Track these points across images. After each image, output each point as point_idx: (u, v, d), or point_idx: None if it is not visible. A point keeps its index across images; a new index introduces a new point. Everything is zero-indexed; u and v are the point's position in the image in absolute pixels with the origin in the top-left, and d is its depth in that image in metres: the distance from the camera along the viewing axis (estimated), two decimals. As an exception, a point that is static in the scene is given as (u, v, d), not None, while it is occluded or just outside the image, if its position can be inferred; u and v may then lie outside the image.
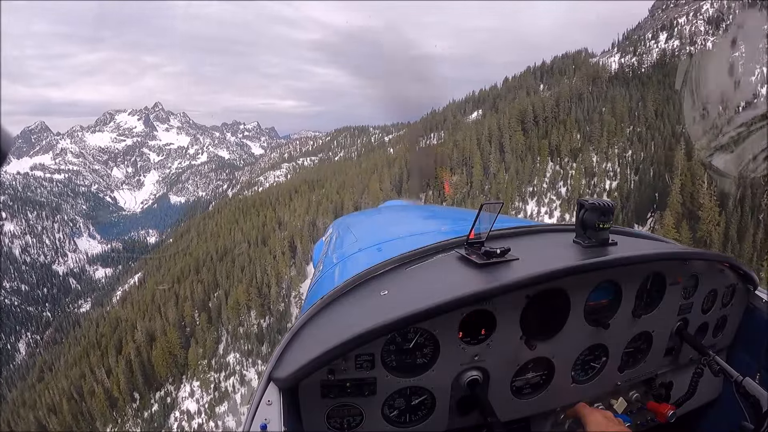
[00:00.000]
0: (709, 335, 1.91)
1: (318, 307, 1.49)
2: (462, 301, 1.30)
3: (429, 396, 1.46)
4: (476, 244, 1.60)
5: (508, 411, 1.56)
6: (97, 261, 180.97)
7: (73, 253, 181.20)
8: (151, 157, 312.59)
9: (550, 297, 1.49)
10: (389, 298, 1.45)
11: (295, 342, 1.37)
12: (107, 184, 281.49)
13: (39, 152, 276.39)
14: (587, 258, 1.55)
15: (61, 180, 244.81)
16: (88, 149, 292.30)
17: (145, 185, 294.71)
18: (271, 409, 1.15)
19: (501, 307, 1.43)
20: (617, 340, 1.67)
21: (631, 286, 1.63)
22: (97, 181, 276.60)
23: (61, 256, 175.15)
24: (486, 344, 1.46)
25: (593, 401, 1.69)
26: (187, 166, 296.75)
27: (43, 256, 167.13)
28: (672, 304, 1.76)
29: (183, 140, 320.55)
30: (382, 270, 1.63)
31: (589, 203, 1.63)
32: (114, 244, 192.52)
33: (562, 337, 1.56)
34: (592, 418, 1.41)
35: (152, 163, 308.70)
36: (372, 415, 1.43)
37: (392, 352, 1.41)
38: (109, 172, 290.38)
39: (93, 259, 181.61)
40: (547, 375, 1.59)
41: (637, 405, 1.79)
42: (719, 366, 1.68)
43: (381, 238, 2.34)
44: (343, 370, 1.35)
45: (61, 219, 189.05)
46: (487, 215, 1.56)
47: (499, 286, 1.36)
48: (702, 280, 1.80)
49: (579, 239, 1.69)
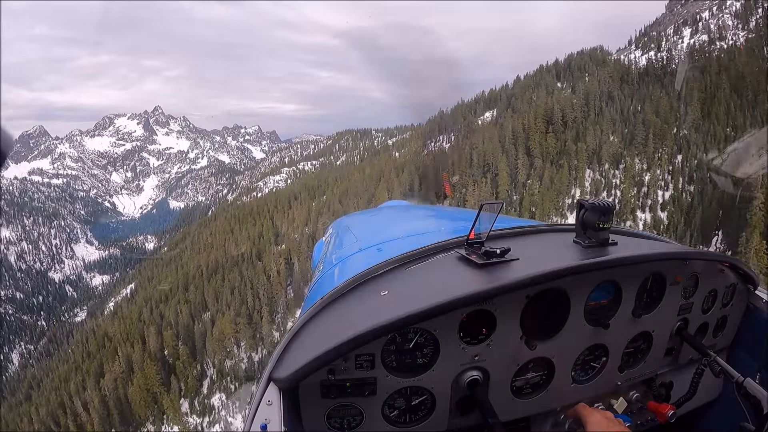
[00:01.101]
0: (709, 335, 1.93)
1: (318, 307, 1.50)
2: (462, 301, 1.31)
3: (429, 396, 1.48)
4: (476, 244, 1.61)
5: (508, 411, 1.57)
6: (94, 268, 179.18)
7: (70, 259, 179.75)
8: (150, 161, 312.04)
9: (550, 297, 1.51)
10: (389, 298, 1.45)
11: (295, 342, 1.39)
12: (106, 188, 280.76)
13: (37, 157, 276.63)
14: (587, 258, 1.55)
15: (59, 185, 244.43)
16: (87, 154, 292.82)
17: (144, 190, 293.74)
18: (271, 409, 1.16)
19: (501, 307, 1.45)
20: (617, 340, 1.69)
21: (631, 286, 1.65)
22: (96, 185, 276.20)
23: (57, 263, 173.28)
24: (486, 344, 1.48)
25: (593, 401, 1.71)
26: (186, 170, 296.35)
27: (39, 263, 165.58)
28: (672, 304, 1.78)
29: (183, 144, 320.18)
30: (382, 270, 1.64)
31: (589, 203, 1.63)
32: (112, 251, 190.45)
33: (562, 337, 1.57)
34: (592, 419, 1.42)
35: (152, 168, 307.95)
36: (372, 415, 1.44)
37: (392, 352, 1.42)
38: (108, 177, 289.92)
39: (90, 265, 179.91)
40: (547, 375, 1.61)
41: (637, 405, 1.80)
42: (720, 367, 1.69)
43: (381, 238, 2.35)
44: (343, 370, 1.37)
45: (58, 225, 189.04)
46: (487, 215, 1.57)
47: (499, 286, 1.37)
48: (702, 280, 1.81)
49: (579, 239, 1.70)
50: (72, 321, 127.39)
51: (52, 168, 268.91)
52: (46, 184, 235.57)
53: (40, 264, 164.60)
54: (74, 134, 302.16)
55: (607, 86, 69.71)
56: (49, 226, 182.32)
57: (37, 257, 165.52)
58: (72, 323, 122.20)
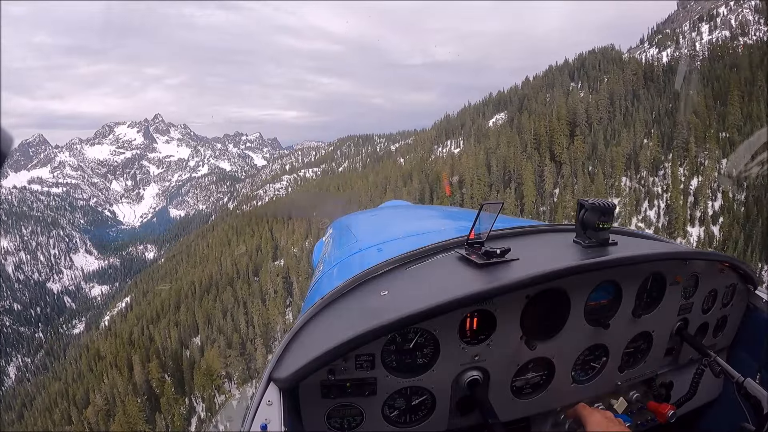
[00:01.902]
0: (710, 335, 1.95)
1: (318, 307, 1.52)
2: (462, 301, 1.33)
3: (429, 396, 1.50)
4: (476, 244, 1.63)
5: (508, 411, 1.59)
6: (93, 278, 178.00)
7: (68, 269, 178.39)
8: (150, 169, 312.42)
9: (550, 297, 1.52)
10: (389, 299, 1.47)
11: (295, 342, 1.40)
12: (106, 197, 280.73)
13: (37, 165, 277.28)
14: (587, 258, 1.58)
15: (59, 194, 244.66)
16: (86, 162, 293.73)
17: (144, 198, 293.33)
18: (271, 409, 1.17)
19: (501, 307, 1.47)
20: (617, 340, 1.71)
21: (631, 286, 1.66)
22: (96, 194, 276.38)
23: (56, 273, 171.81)
24: (486, 344, 1.49)
25: (593, 401, 1.73)
26: (187, 178, 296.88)
27: (37, 274, 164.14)
28: (672, 304, 1.79)
29: (183, 152, 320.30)
30: (382, 270, 1.66)
31: (589, 203, 1.64)
32: (111, 260, 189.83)
33: (562, 337, 1.59)
34: (592, 419, 1.43)
35: (152, 176, 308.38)
36: (372, 415, 1.46)
37: (392, 352, 1.44)
38: (108, 186, 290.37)
39: (89, 275, 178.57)
40: (547, 375, 1.62)
41: (638, 405, 1.82)
42: (720, 367, 1.70)
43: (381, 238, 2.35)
44: (343, 370, 1.38)
45: (57, 234, 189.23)
46: (487, 215, 1.59)
47: (499, 286, 1.38)
48: (702, 280, 1.83)
49: (579, 239, 1.71)
50: (70, 333, 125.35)
51: (51, 177, 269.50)
52: (46, 193, 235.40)
53: (39, 274, 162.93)
54: (74, 143, 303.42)
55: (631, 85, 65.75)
56: (48, 235, 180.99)
57: (35, 267, 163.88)
58: (70, 335, 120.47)
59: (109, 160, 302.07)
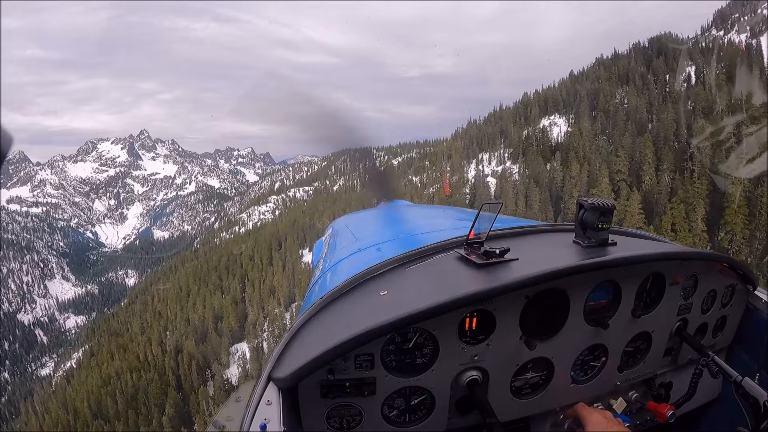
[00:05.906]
0: (709, 335, 1.99)
1: (317, 307, 1.54)
2: (461, 301, 1.35)
3: (428, 396, 1.52)
4: (476, 244, 1.65)
5: (507, 411, 1.62)
6: (69, 307, 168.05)
7: (42, 298, 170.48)
8: (135, 188, 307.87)
9: (550, 297, 1.55)
10: (389, 298, 1.49)
11: (295, 342, 1.43)
12: (88, 217, 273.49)
13: (17, 184, 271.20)
14: (587, 258, 1.60)
15: (38, 214, 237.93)
16: (68, 180, 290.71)
17: (128, 219, 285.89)
18: (270, 409, 1.19)
19: (501, 307, 1.49)
20: (617, 340, 1.74)
21: (630, 286, 1.69)
22: (78, 214, 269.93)
23: (28, 303, 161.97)
24: (485, 344, 1.52)
25: (593, 401, 1.76)
26: (173, 197, 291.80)
27: (7, 304, 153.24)
28: (671, 304, 1.82)
29: (170, 169, 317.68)
30: (381, 270, 1.68)
31: (588, 203, 1.66)
32: (89, 287, 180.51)
33: (561, 337, 1.61)
34: (592, 418, 1.46)
35: (136, 195, 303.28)
36: (371, 415, 1.48)
37: (392, 352, 1.46)
38: (90, 205, 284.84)
39: (64, 305, 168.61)
40: (547, 375, 1.65)
41: (637, 405, 1.84)
42: (718, 367, 1.73)
43: (380, 238, 2.40)
44: (342, 370, 1.40)
45: (31, 259, 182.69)
46: (486, 215, 1.60)
47: (499, 286, 1.41)
48: (701, 280, 1.85)
49: (578, 239, 1.74)
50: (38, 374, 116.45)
51: (31, 196, 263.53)
52: (24, 213, 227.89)
53: (9, 305, 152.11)
54: (56, 160, 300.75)
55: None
56: (21, 260, 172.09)
57: (5, 296, 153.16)
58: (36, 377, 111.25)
59: (91, 178, 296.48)
